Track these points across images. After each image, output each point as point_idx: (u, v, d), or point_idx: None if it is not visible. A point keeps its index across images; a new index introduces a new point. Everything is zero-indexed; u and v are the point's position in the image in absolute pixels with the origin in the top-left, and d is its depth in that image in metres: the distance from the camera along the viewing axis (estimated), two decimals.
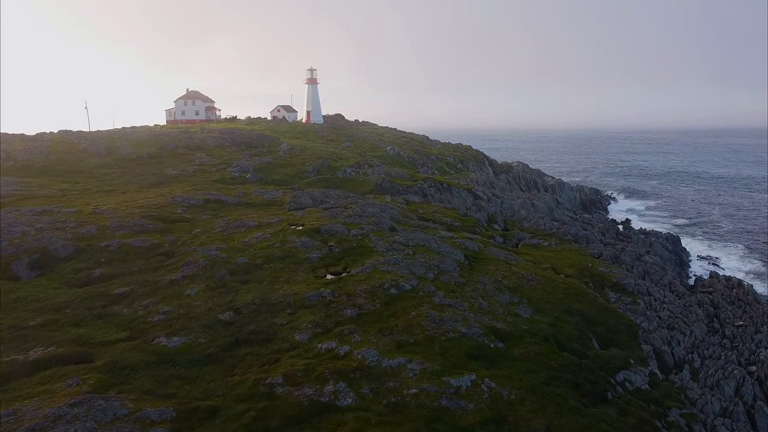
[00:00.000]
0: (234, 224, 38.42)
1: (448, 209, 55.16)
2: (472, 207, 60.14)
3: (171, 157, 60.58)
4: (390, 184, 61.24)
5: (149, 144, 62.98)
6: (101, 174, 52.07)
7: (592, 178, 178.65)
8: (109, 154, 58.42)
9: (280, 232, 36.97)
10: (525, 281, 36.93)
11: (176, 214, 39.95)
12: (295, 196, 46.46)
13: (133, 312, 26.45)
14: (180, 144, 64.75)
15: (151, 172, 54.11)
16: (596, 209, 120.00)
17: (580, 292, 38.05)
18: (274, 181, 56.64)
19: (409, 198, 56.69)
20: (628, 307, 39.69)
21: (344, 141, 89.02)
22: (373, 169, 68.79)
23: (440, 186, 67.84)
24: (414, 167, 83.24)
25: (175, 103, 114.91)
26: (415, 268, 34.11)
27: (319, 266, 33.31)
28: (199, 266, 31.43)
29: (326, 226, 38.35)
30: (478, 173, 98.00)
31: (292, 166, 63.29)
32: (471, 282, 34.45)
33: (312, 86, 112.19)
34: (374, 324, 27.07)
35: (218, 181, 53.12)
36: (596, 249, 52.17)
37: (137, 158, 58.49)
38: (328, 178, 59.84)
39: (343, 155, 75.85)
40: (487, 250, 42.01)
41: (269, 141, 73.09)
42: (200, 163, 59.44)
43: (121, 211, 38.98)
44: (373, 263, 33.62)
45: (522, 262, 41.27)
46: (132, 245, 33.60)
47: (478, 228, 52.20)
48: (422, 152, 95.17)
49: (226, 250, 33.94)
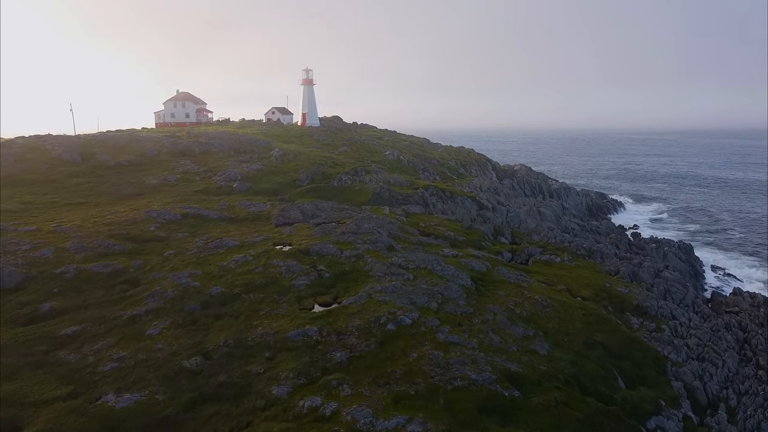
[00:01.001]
0: (212, 244, 34.18)
1: (451, 221, 50.94)
2: (476, 218, 55.92)
3: (152, 164, 56.32)
4: (389, 192, 57.02)
5: (129, 150, 58.68)
6: (73, 184, 47.82)
7: (596, 181, 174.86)
8: (85, 161, 54.18)
9: (264, 254, 32.73)
10: (540, 308, 32.77)
11: (148, 232, 35.69)
12: (284, 210, 42.20)
13: (81, 359, 22.22)
14: (163, 150, 60.44)
15: (129, 181, 49.88)
16: (603, 215, 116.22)
17: (601, 320, 33.93)
18: (264, 191, 52.40)
19: (409, 209, 52.48)
20: (653, 335, 35.68)
21: (341, 145, 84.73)
22: (371, 176, 64.55)
23: (442, 194, 63.62)
24: (414, 173, 79.01)
25: (164, 105, 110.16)
26: (416, 296, 29.91)
27: (306, 295, 29.08)
28: (166, 297, 27.21)
29: (316, 246, 34.10)
30: (481, 178, 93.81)
31: (284, 173, 59.04)
32: (479, 311, 30.27)
33: (308, 87, 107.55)
34: (368, 371, 22.89)
35: (201, 191, 48.85)
36: (612, 265, 48.03)
37: (115, 166, 54.23)
38: (321, 187, 55.60)
39: (340, 161, 71.63)
40: (495, 270, 37.80)
41: (260, 146, 68.82)
42: (184, 171, 55.19)
43: (86, 229, 34.73)
44: (368, 291, 29.40)
45: (535, 285, 37.10)
46: (92, 271, 29.36)
47: (485, 242, 48.03)
48: (423, 156, 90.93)
49: (200, 276, 29.70)
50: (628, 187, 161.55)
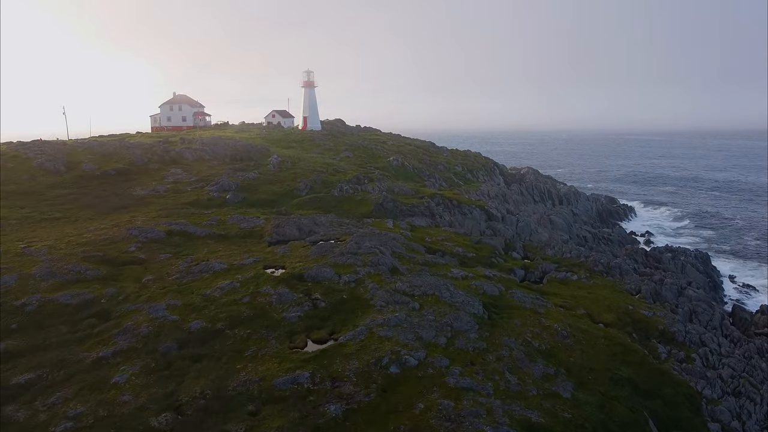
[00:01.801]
0: (197, 268, 30.88)
1: (459, 235, 47.55)
2: (486, 231, 52.56)
3: (141, 173, 53.14)
4: (392, 203, 53.68)
5: (117, 158, 55.48)
6: (54, 196, 44.64)
7: (605, 184, 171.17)
8: (69, 170, 51.03)
9: (253, 280, 29.41)
10: (560, 339, 29.42)
11: (127, 254, 32.42)
12: (278, 226, 38.88)
13: (31, 416, 18.94)
14: (153, 158, 57.21)
15: (115, 192, 46.68)
16: (614, 221, 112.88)
17: (626, 350, 30.58)
18: (259, 202, 49.13)
19: (414, 221, 49.13)
20: (683, 366, 32.29)
21: (343, 150, 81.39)
22: (373, 184, 61.22)
23: (449, 203, 60.26)
24: (420, 180, 75.63)
25: (160, 108, 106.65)
26: (423, 330, 26.58)
27: (299, 330, 25.74)
28: (139, 335, 23.94)
29: (311, 270, 30.75)
30: (489, 184, 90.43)
31: (282, 182, 55.74)
32: (494, 346, 26.93)
33: (309, 89, 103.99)
34: (367, 427, 19.61)
35: (192, 203, 45.55)
36: (632, 283, 44.63)
37: (101, 176, 51.04)
38: (321, 198, 52.29)
39: (341, 167, 68.33)
40: (509, 294, 34.43)
41: (258, 152, 65.52)
42: (174, 180, 51.96)
43: (58, 251, 31.49)
44: (369, 324, 26.08)
45: (552, 310, 33.71)
46: (57, 303, 26.09)
47: (495, 259, 44.65)
48: (428, 162, 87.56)
49: (180, 308, 26.40)
50: (637, 191, 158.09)
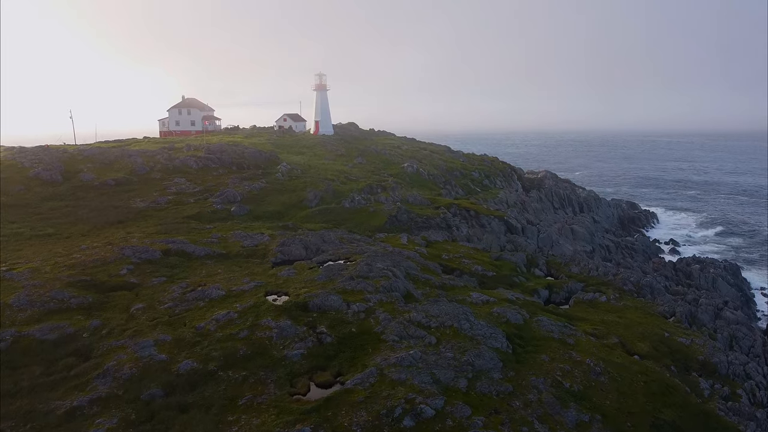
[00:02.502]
0: (192, 294, 28.10)
1: (478, 251, 44.50)
2: (506, 246, 49.43)
3: (142, 183, 50.62)
4: (407, 215, 50.73)
5: (118, 167, 53.03)
6: (47, 209, 42.19)
7: (625, 188, 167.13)
8: (66, 180, 48.64)
9: (252, 310, 26.56)
10: (593, 378, 26.29)
11: (117, 278, 29.71)
12: (284, 244, 36.02)
13: None
14: (156, 166, 54.69)
15: (113, 204, 44.13)
16: (636, 227, 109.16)
17: (666, 388, 27.39)
18: (265, 215, 46.38)
19: (430, 236, 46.11)
20: (729, 405, 28.94)
21: (356, 156, 78.49)
22: (387, 194, 58.30)
23: (467, 214, 57.19)
24: (436, 187, 72.57)
25: (168, 113, 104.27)
26: (440, 370, 23.59)
27: (301, 371, 22.85)
28: (121, 378, 21.17)
29: (317, 298, 27.82)
30: (507, 191, 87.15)
31: (290, 192, 52.98)
32: (520, 388, 23.88)
33: (321, 93, 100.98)
34: None
35: (193, 217, 42.90)
36: (665, 304, 41.25)
37: (100, 186, 48.57)
38: (331, 209, 49.44)
39: (353, 175, 65.47)
40: (535, 322, 31.31)
41: (266, 160, 62.78)
42: (177, 191, 49.36)
43: (42, 275, 28.83)
44: (380, 365, 23.12)
45: (583, 340, 30.55)
46: (33, 338, 23.38)
47: (517, 277, 41.58)
48: (444, 168, 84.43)
49: (169, 344, 23.60)
50: (659, 195, 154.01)
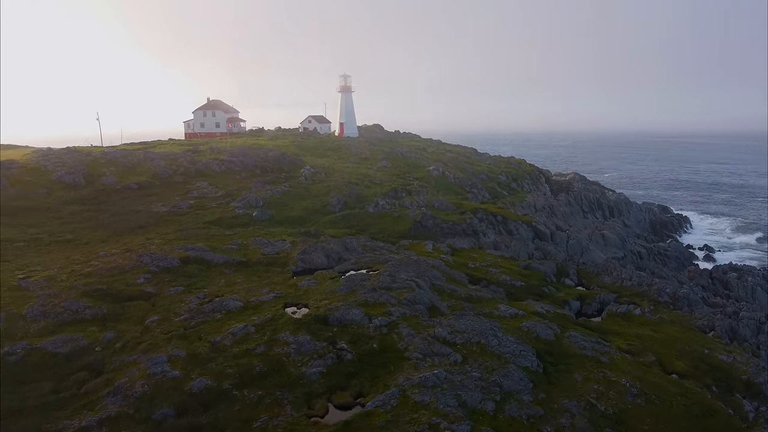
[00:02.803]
0: (208, 306, 27.19)
1: (505, 259, 43.02)
2: (535, 253, 47.80)
3: (165, 187, 50.13)
4: (432, 221, 49.41)
5: (141, 170, 52.67)
6: (68, 213, 41.83)
7: (656, 191, 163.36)
8: (89, 184, 48.35)
9: (270, 324, 25.53)
10: (629, 400, 24.70)
11: (134, 287, 28.95)
12: (305, 252, 35.00)
13: None
14: (178, 170, 54.21)
15: (134, 209, 43.62)
16: (668, 232, 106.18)
17: (707, 411, 25.69)
18: (287, 220, 45.45)
19: (455, 243, 44.76)
20: None
21: (380, 159, 77.32)
22: (412, 198, 57.04)
23: (494, 219, 55.66)
24: (462, 191, 71.08)
25: (193, 114, 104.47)
26: (466, 391, 22.27)
27: (320, 391, 21.72)
28: (132, 396, 20.28)
29: (338, 312, 26.69)
30: (535, 194, 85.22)
31: (313, 197, 52.03)
32: (552, 412, 22.45)
33: (345, 95, 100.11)
34: None
35: (214, 222, 42.14)
36: (704, 317, 39.25)
37: (122, 190, 48.18)
38: (354, 215, 48.33)
39: (377, 179, 64.32)
40: (566, 337, 29.76)
41: (289, 163, 61.97)
42: (199, 195, 48.76)
43: (58, 284, 28.18)
44: (402, 385, 21.88)
45: (617, 358, 28.94)
46: (45, 352, 22.67)
47: (547, 288, 40.01)
48: (470, 171, 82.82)
49: (183, 360, 22.68)
50: (691, 198, 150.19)
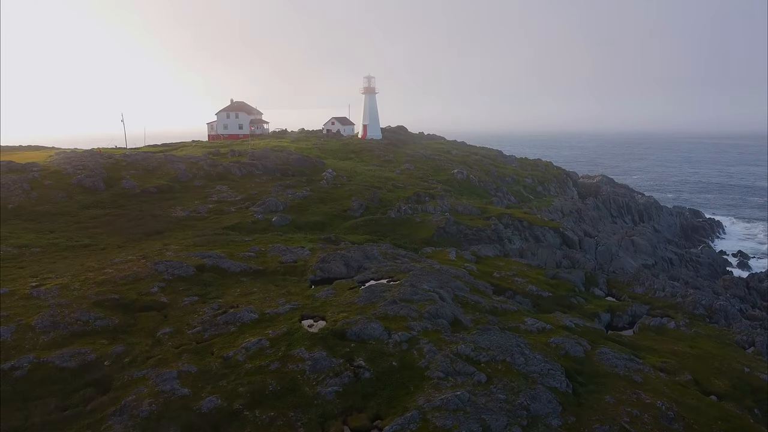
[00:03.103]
0: (222, 318, 26.25)
1: (532, 268, 41.49)
2: (563, 261, 46.15)
3: (184, 190, 49.57)
4: (456, 227, 48.06)
5: (160, 173, 52.22)
6: (87, 218, 41.36)
7: (686, 194, 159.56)
8: (108, 188, 47.99)
9: (285, 338, 24.48)
10: (664, 424, 23.05)
11: (147, 296, 28.14)
12: (324, 260, 33.91)
13: None
14: (199, 173, 53.66)
15: (152, 213, 43.06)
16: (700, 237, 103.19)
17: None
18: (307, 225, 44.50)
19: (480, 251, 43.36)
20: None
21: (403, 162, 76.14)
22: (435, 203, 55.74)
23: (519, 225, 54.09)
24: (486, 195, 69.58)
25: (216, 116, 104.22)
26: (491, 415, 20.93)
27: (335, 413, 20.58)
28: (138, 417, 19.34)
29: (356, 326, 25.52)
30: (562, 198, 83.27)
31: (334, 201, 51.05)
32: None
33: (369, 96, 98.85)
34: None
35: (233, 227, 41.35)
36: (742, 332, 37.27)
37: (141, 194, 47.73)
38: (376, 220, 47.20)
39: (400, 182, 63.12)
40: (597, 355, 28.19)
41: (311, 166, 61.13)
42: (218, 199, 48.09)
43: (70, 293, 27.47)
44: (423, 408, 20.63)
45: (651, 376, 27.30)
46: (52, 366, 21.87)
47: (575, 298, 38.44)
48: (495, 174, 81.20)
49: (194, 376, 21.71)
50: (723, 202, 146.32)
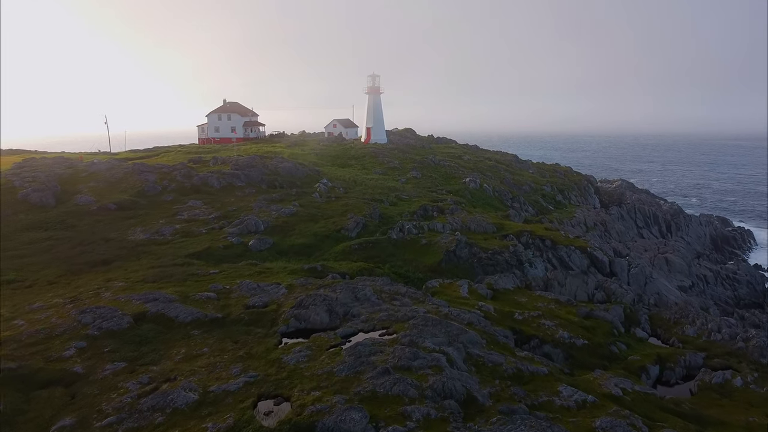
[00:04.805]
0: (149, 400, 19.12)
1: (560, 305, 34.15)
2: (595, 293, 38.75)
3: (150, 207, 42.71)
4: (468, 249, 40.82)
5: (125, 186, 45.35)
6: (24, 243, 34.55)
7: (710, 200, 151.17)
8: (60, 203, 41.28)
9: None
10: None
11: (57, 362, 21.07)
12: (301, 305, 26.70)
13: None
14: (170, 186, 46.74)
15: (105, 236, 36.20)
16: (731, 249, 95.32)
17: None
18: (292, 250, 37.43)
19: (497, 282, 36.08)
20: None
21: (410, 169, 68.80)
22: (443, 218, 48.49)
23: (541, 244, 46.75)
24: (502, 206, 62.21)
25: (207, 118, 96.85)
26: None
27: None
28: None
29: (329, 417, 18.18)
30: (585, 208, 75.68)
31: (326, 218, 43.92)
32: None
33: (373, 97, 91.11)
34: None
35: (199, 254, 34.30)
36: None
37: (97, 211, 40.93)
38: (374, 243, 39.99)
39: (406, 193, 55.91)
40: None
41: (303, 176, 54.00)
42: (188, 217, 41.19)
43: None
44: None
45: None
46: None
47: (615, 345, 31.11)
48: (511, 181, 73.74)
49: None
50: (748, 206, 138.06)
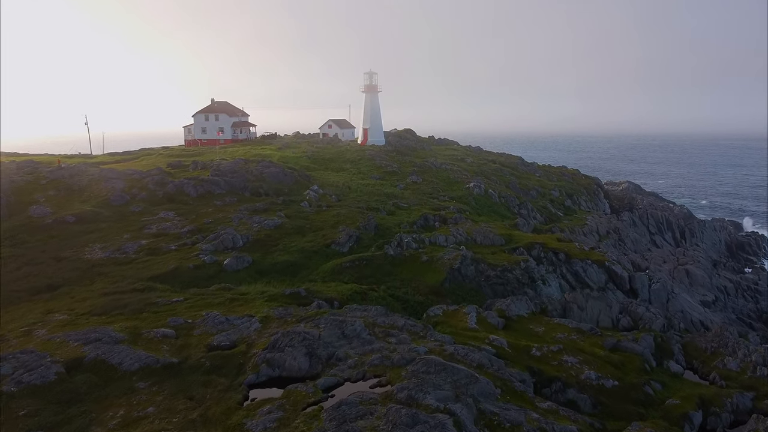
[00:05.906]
0: None
1: (583, 335, 29.44)
2: (620, 318, 34.09)
3: (115, 219, 38.06)
4: (474, 266, 36.16)
5: (88, 195, 40.69)
6: None
7: (719, 201, 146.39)
8: (12, 216, 36.62)
9: None
10: None
11: None
12: (275, 346, 21.96)
13: None
14: (139, 194, 42.01)
15: (57, 255, 31.52)
16: (747, 256, 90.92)
17: None
18: (274, 269, 32.72)
19: (509, 309, 31.37)
20: None
21: (409, 174, 64.05)
22: (446, 229, 43.79)
23: (555, 258, 42.11)
24: (509, 213, 57.53)
25: (193, 118, 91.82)
26: None
27: None
28: None
29: None
30: (596, 215, 71.06)
31: (316, 231, 39.20)
32: None
33: (371, 95, 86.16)
34: None
35: (163, 276, 29.58)
36: None
37: (53, 224, 36.27)
38: (368, 260, 35.25)
39: (405, 200, 51.21)
40: None
41: (293, 182, 49.25)
42: (158, 231, 36.53)
43: None
44: None
45: None
46: None
47: (649, 386, 26.40)
48: (517, 186, 69.00)
49: None
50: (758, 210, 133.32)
